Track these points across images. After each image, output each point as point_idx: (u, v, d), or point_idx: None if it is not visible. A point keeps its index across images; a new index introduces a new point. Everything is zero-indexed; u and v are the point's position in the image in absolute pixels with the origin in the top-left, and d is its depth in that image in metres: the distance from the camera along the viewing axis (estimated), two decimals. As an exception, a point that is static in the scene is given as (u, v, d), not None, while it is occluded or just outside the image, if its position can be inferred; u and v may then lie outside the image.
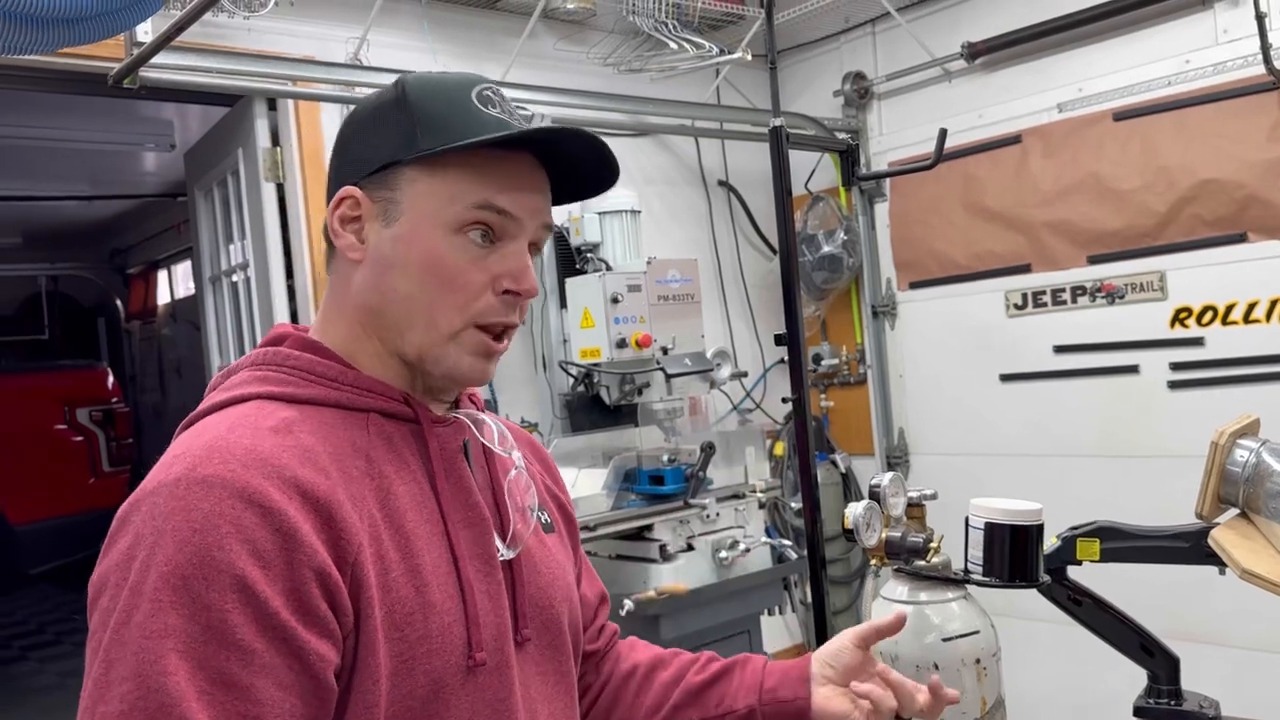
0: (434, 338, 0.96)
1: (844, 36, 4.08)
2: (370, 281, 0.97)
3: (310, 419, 0.92)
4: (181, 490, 0.81)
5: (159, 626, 0.77)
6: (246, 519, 0.81)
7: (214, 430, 0.88)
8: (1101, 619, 1.68)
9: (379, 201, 0.97)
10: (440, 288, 0.95)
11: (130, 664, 0.77)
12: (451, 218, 0.95)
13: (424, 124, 0.95)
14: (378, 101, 1.00)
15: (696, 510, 2.86)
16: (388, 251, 0.96)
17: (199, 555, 0.79)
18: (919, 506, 1.61)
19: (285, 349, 0.98)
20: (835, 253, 3.97)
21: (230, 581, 0.79)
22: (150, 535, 0.80)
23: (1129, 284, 3.36)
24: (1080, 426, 3.50)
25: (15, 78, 2.64)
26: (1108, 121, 3.36)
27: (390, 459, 0.95)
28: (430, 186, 0.95)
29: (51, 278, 8.90)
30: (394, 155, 0.96)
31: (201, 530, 0.80)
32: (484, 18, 3.46)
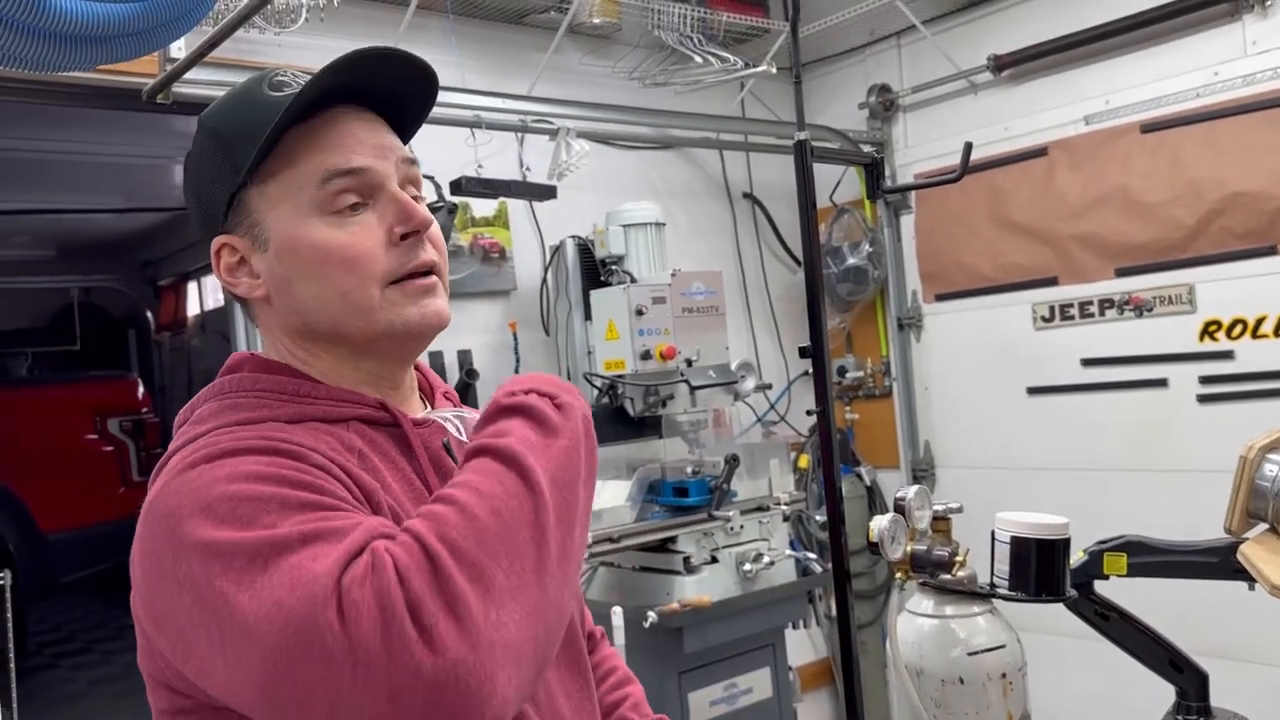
0: (365, 316, 0.95)
1: (869, 49, 4.09)
2: (284, 305, 0.97)
3: (296, 430, 0.91)
4: (203, 465, 0.82)
5: (234, 526, 0.78)
6: (277, 460, 0.83)
7: (197, 444, 0.87)
8: (1129, 634, 1.67)
9: (245, 234, 0.97)
10: (340, 271, 0.94)
11: (243, 574, 0.75)
12: (310, 205, 0.94)
13: (234, 143, 0.94)
14: (196, 149, 1.00)
15: (720, 522, 2.86)
16: (280, 270, 0.95)
17: (243, 476, 0.80)
18: (944, 520, 1.61)
19: (247, 374, 0.97)
20: (860, 265, 3.96)
21: (286, 479, 0.81)
22: (184, 507, 0.80)
23: (1157, 297, 3.33)
24: (1108, 440, 3.47)
25: (51, 93, 2.69)
26: (1135, 134, 3.34)
27: (380, 461, 0.95)
28: (276, 191, 0.94)
29: (83, 289, 9.00)
30: (230, 188, 0.95)
31: (237, 470, 0.81)
32: (511, 33, 3.49)
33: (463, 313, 3.20)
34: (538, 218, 3.46)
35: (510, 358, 3.31)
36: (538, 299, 3.42)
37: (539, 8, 3.36)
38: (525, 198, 3.29)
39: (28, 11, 1.17)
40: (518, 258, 3.41)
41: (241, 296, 0.99)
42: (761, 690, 2.93)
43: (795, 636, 3.38)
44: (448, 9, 3.26)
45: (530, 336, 3.39)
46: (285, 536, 0.76)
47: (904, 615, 1.59)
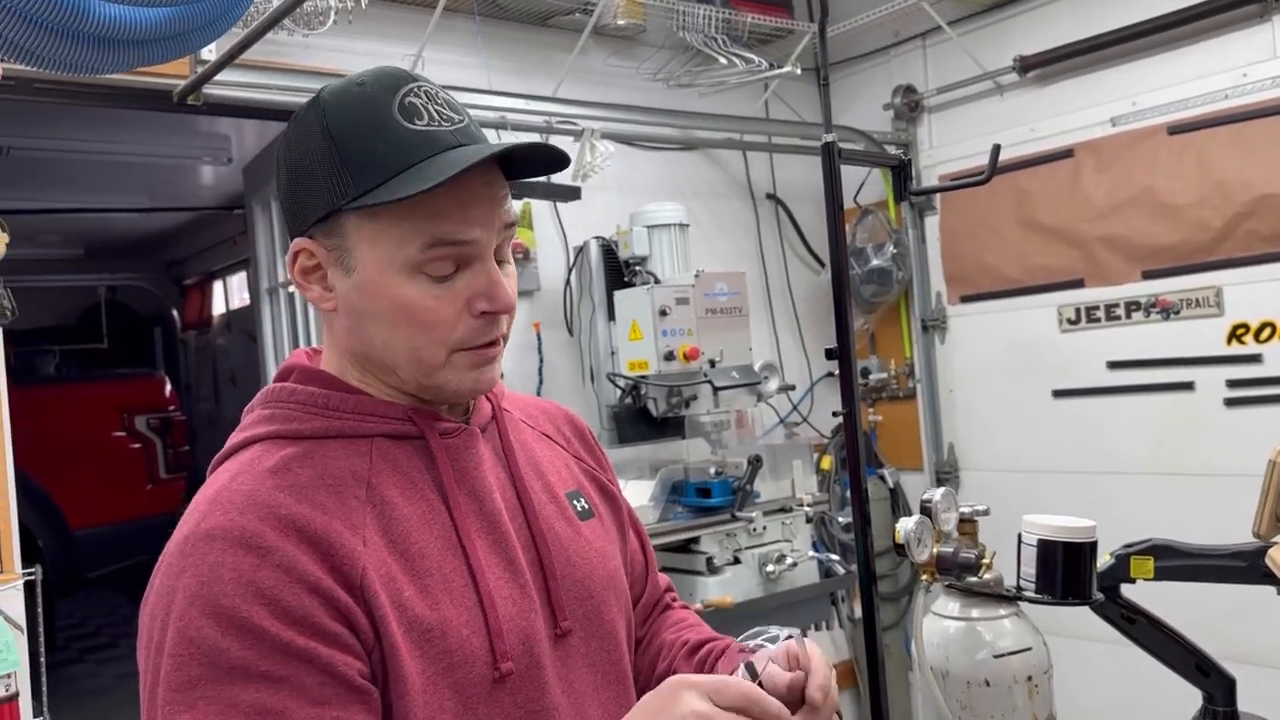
0: (426, 372, 0.96)
1: (894, 50, 4.07)
2: (349, 328, 0.98)
3: (311, 453, 0.94)
4: (189, 547, 0.86)
5: (183, 679, 0.81)
6: (246, 564, 0.84)
7: (221, 480, 0.92)
8: (1156, 638, 1.66)
9: (332, 250, 0.95)
10: (416, 329, 0.94)
11: (152, 711, 0.83)
12: (406, 261, 0.92)
13: (353, 165, 0.91)
14: (302, 131, 0.95)
15: (743, 523, 2.86)
16: (355, 301, 0.95)
17: (208, 607, 0.83)
18: (971, 522, 1.61)
19: (291, 384, 1.00)
20: (884, 266, 3.95)
21: (240, 624, 0.82)
22: (166, 593, 0.85)
23: (1184, 299, 3.31)
24: (1134, 444, 3.45)
25: (83, 94, 2.72)
26: (1162, 135, 3.32)
27: (395, 482, 0.95)
28: (376, 232, 0.92)
29: (110, 288, 9.10)
30: (332, 204, 0.92)
31: (208, 582, 0.84)
32: (536, 34, 3.50)
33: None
34: (562, 219, 3.47)
35: (534, 358, 3.33)
36: (561, 299, 3.43)
37: (564, 9, 3.38)
38: (549, 199, 3.31)
39: (69, 16, 1.19)
40: (541, 258, 3.42)
41: (312, 301, 1.00)
42: (783, 691, 2.93)
43: (818, 638, 3.38)
44: (474, 11, 3.28)
45: (554, 337, 3.40)
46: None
47: (930, 617, 1.59)
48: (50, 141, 5.09)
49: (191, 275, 9.07)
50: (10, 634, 2.33)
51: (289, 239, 0.99)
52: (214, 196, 7.01)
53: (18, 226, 2.43)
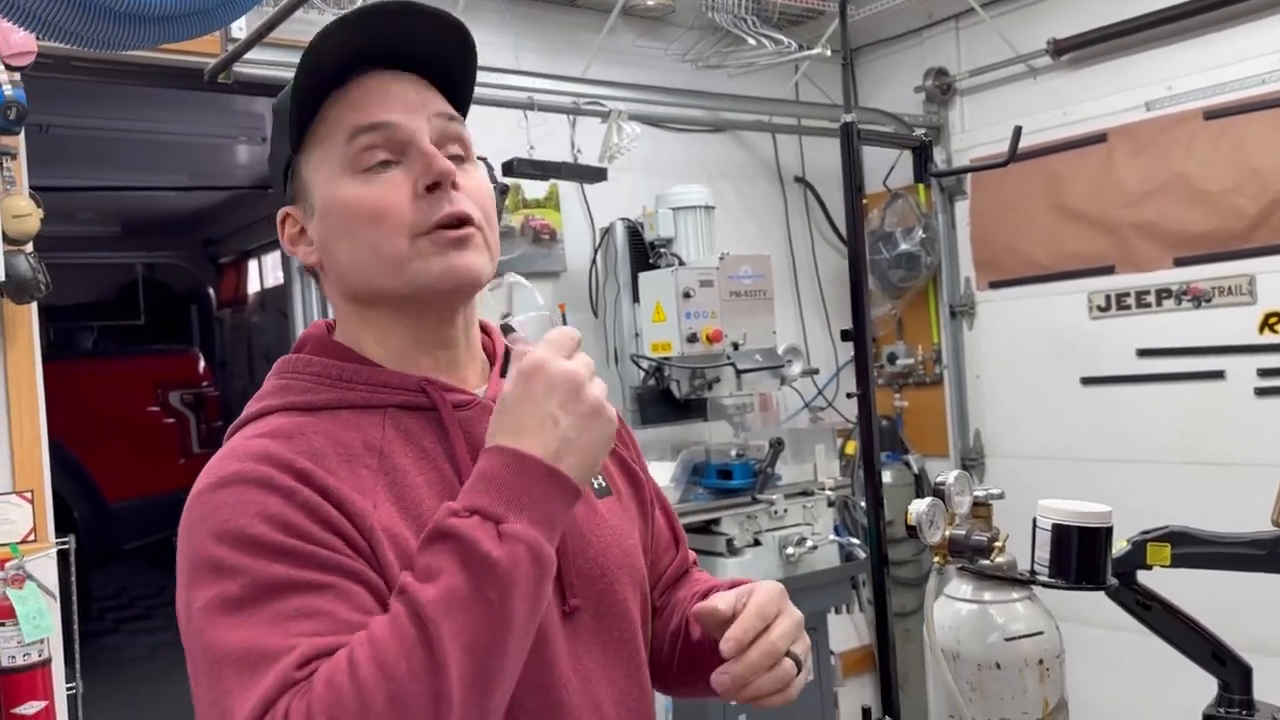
0: (396, 270, 0.95)
1: (926, 32, 4.03)
2: (331, 269, 1.00)
3: (325, 423, 0.94)
4: (206, 495, 0.88)
5: (225, 603, 0.82)
6: (271, 501, 0.85)
7: (235, 441, 0.94)
8: (1171, 625, 1.66)
9: (300, 203, 1.01)
10: (368, 225, 0.95)
11: (209, 657, 0.82)
12: (341, 164, 0.96)
13: (286, 115, 0.98)
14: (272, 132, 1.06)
15: (764, 506, 2.87)
16: (322, 234, 0.99)
17: (238, 537, 0.84)
18: (985, 506, 1.61)
19: (306, 354, 1.01)
20: (913, 250, 3.93)
21: (274, 546, 0.83)
22: (188, 542, 0.87)
23: (1216, 287, 3.26)
24: (1163, 432, 3.41)
25: (117, 72, 2.77)
26: (1198, 120, 3.27)
27: (407, 451, 0.95)
28: (318, 155, 0.98)
29: (148, 265, 9.22)
30: (285, 158, 1.01)
31: (234, 517, 0.85)
32: (565, 14, 3.50)
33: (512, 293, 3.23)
34: (588, 200, 3.48)
35: (559, 338, 3.34)
36: (587, 281, 3.44)
37: (593, -11, 3.38)
38: (576, 180, 3.31)
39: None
40: (568, 239, 3.44)
41: (306, 265, 1.03)
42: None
43: (838, 621, 3.39)
44: (503, -9, 3.29)
45: (579, 318, 3.41)
46: (230, 649, 0.81)
47: (942, 600, 1.60)
48: (88, 120, 5.16)
49: (227, 254, 9.17)
50: (44, 601, 2.39)
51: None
52: (250, 176, 7.08)
53: (57, 204, 2.48)
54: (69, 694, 2.51)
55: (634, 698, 1.02)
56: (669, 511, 1.23)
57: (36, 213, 2.43)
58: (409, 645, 0.78)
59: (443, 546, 0.82)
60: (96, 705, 2.67)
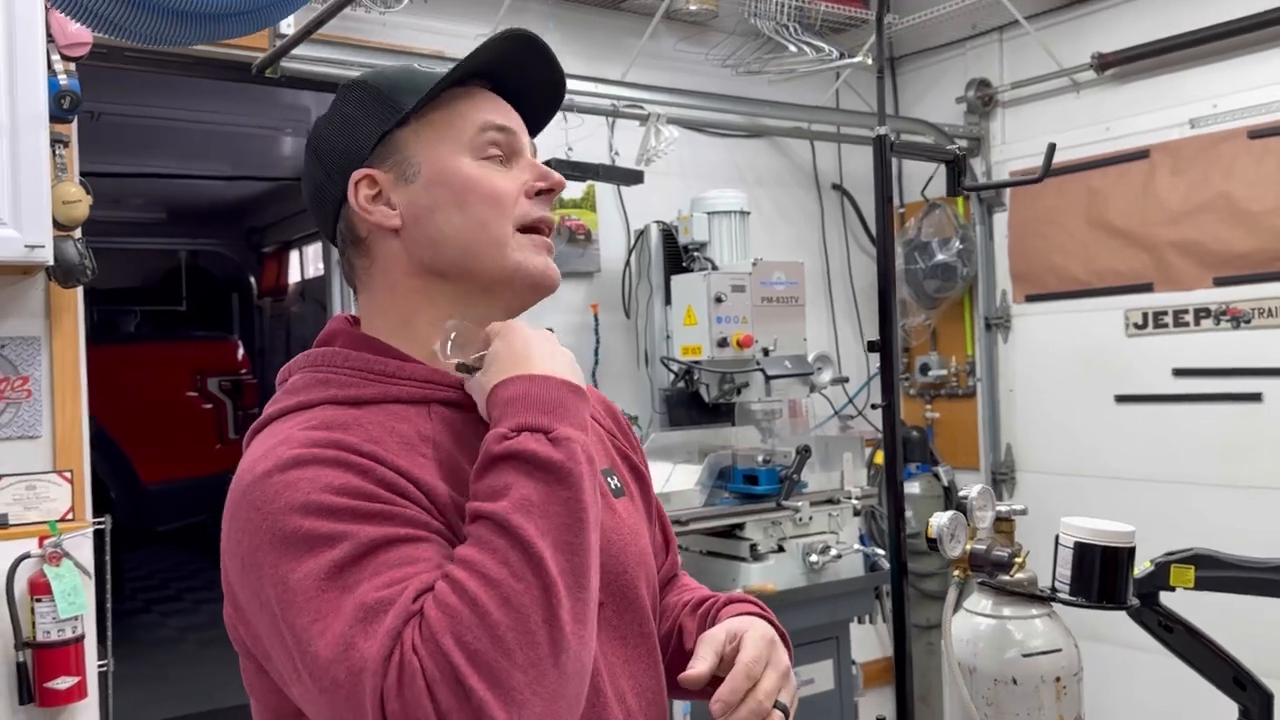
0: (498, 251, 1.02)
1: (970, 43, 4.02)
2: (419, 235, 1.02)
3: (375, 415, 0.95)
4: (277, 475, 0.87)
5: (328, 568, 0.82)
6: (348, 477, 0.87)
7: (286, 430, 0.93)
8: (1193, 648, 1.65)
9: (390, 169, 1.03)
10: (484, 204, 1.02)
11: (314, 613, 0.82)
12: (467, 144, 1.03)
13: (394, 91, 1.03)
14: (338, 107, 1.08)
15: (789, 512, 2.87)
16: (424, 200, 1.02)
17: (322, 510, 0.84)
18: (1008, 521, 1.61)
19: (340, 349, 1.02)
20: (949, 261, 3.91)
21: (363, 510, 0.85)
22: (265, 520, 0.86)
23: (1256, 309, 3.22)
24: (1198, 454, 3.38)
25: (168, 63, 2.82)
26: (1242, 139, 3.24)
27: (455, 444, 0.97)
28: (433, 132, 1.03)
29: (191, 253, 9.36)
30: (384, 126, 1.03)
31: (313, 493, 0.85)
32: (608, 18, 3.53)
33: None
34: (624, 202, 3.50)
35: (591, 339, 3.37)
36: (620, 282, 3.47)
37: (637, -7, 3.39)
38: (613, 182, 3.34)
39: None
40: (603, 240, 3.46)
41: (375, 225, 1.03)
42: (824, 682, 2.94)
43: (861, 632, 3.38)
44: (547, -7, 3.32)
45: (611, 319, 3.44)
46: (347, 609, 0.81)
47: (961, 613, 1.60)
48: (139, 108, 5.26)
49: (270, 244, 9.29)
50: (79, 579, 2.44)
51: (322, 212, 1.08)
52: (294, 168, 7.17)
53: (105, 189, 2.53)
54: (100, 671, 2.56)
55: (654, 690, 1.06)
56: (663, 515, 1.27)
57: (86, 199, 2.49)
58: (503, 553, 0.82)
59: (504, 466, 0.87)
60: (126, 683, 2.73)
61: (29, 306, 2.50)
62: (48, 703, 2.36)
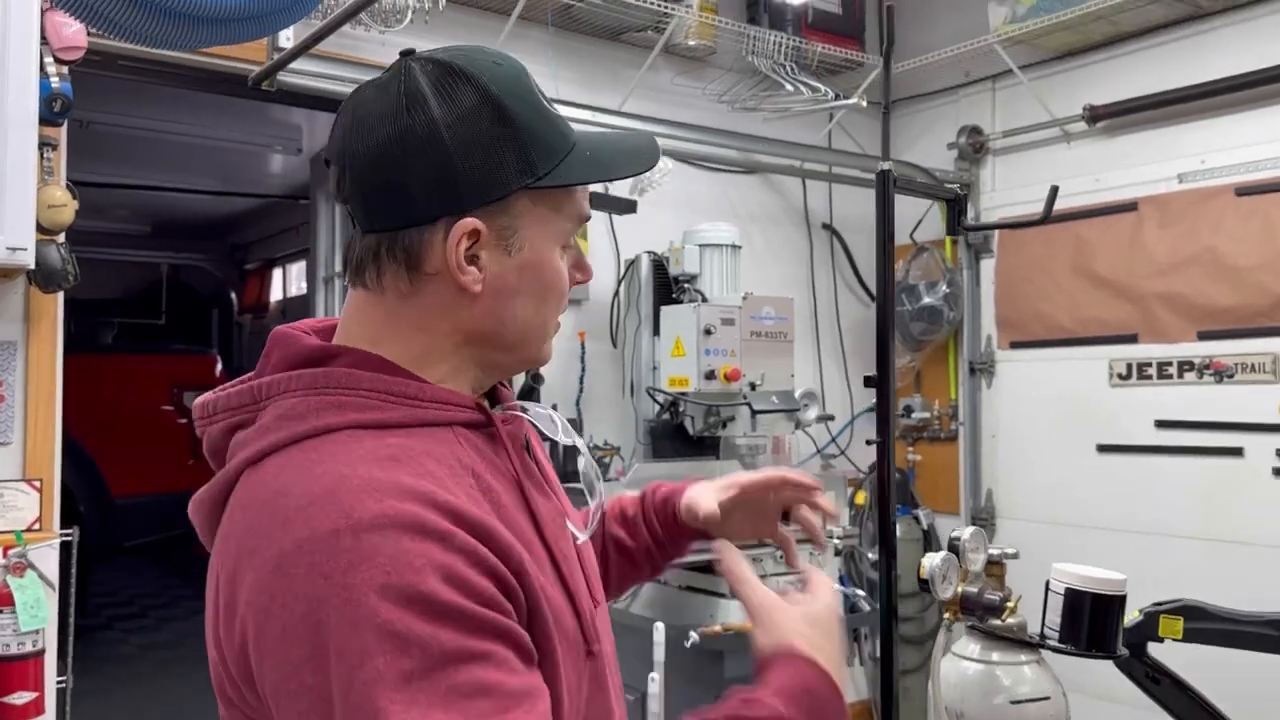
0: (544, 341, 0.99)
1: (963, 90, 4.06)
2: (489, 310, 0.93)
3: (413, 442, 0.87)
4: (350, 540, 0.77)
5: (397, 676, 0.75)
6: (431, 549, 0.78)
7: (328, 468, 0.83)
8: (1180, 701, 1.63)
9: (496, 230, 0.91)
10: (557, 300, 0.98)
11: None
12: (562, 236, 0.97)
13: (535, 146, 0.92)
14: (459, 106, 0.90)
15: (770, 549, 2.84)
16: (513, 281, 0.93)
17: (404, 595, 0.76)
18: (999, 564, 1.59)
19: (349, 370, 0.90)
20: (936, 305, 3.92)
21: (443, 608, 0.77)
22: (337, 593, 0.76)
23: (1239, 364, 3.24)
24: (1178, 506, 3.38)
25: (162, 73, 2.80)
26: (1229, 196, 3.27)
27: (487, 469, 0.92)
28: (546, 211, 0.94)
29: (173, 266, 9.30)
30: (514, 182, 0.91)
31: (396, 571, 0.76)
32: (607, 48, 3.54)
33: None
34: (615, 230, 3.49)
35: (577, 367, 3.35)
36: (608, 311, 3.45)
37: (636, 26, 3.41)
38: (606, 210, 3.33)
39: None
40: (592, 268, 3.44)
41: (461, 284, 0.91)
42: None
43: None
44: (548, 21, 3.33)
45: (597, 347, 3.42)
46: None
47: (949, 657, 1.57)
48: (129, 119, 5.24)
49: (253, 260, 9.25)
50: (43, 591, 2.38)
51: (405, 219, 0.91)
52: (281, 185, 7.16)
53: (89, 199, 2.50)
54: (59, 687, 2.49)
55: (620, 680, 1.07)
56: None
57: (72, 204, 2.46)
58: None
59: None
60: (84, 700, 2.66)
61: (7, 310, 2.46)
62: (4, 718, 2.29)
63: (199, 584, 0.88)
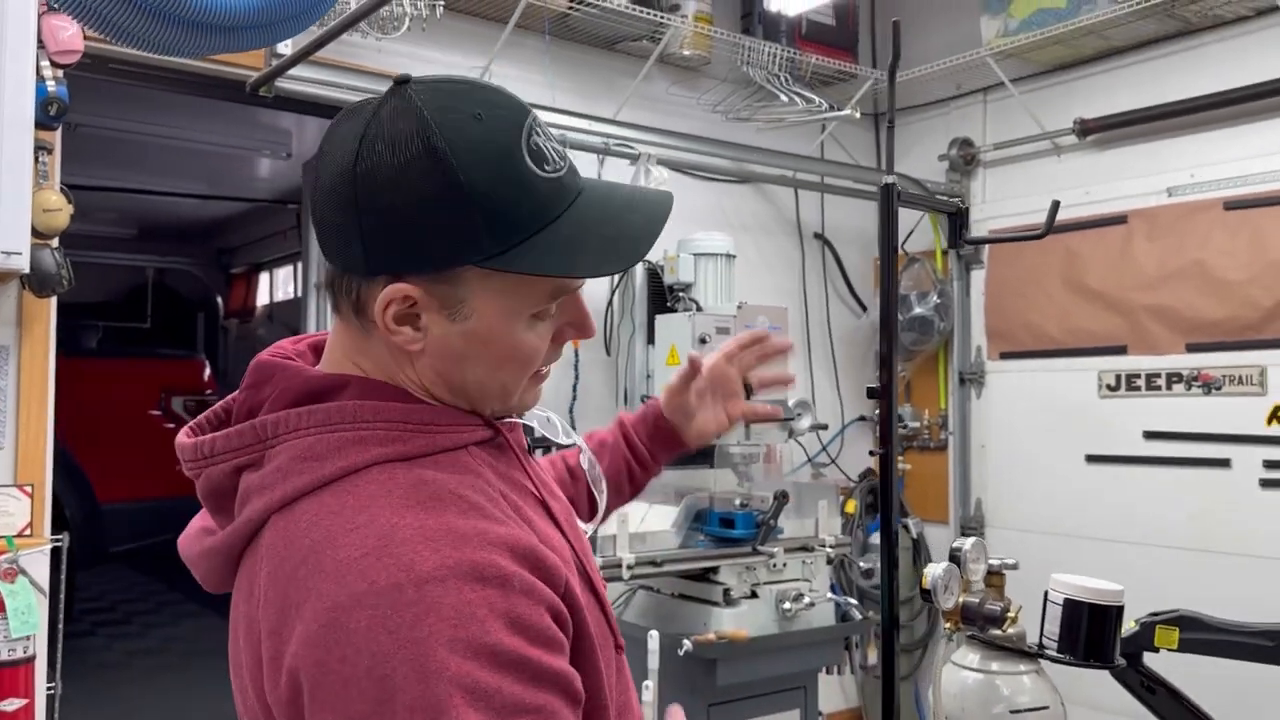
0: (506, 401, 0.95)
1: (954, 103, 4.09)
2: (436, 368, 0.90)
3: (444, 472, 0.86)
4: (412, 594, 0.77)
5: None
6: (495, 596, 0.78)
7: (373, 516, 0.81)
8: (1175, 710, 1.65)
9: (438, 296, 0.86)
10: (516, 367, 0.92)
11: None
12: (527, 309, 0.89)
13: (490, 220, 0.83)
14: (417, 169, 0.83)
15: (764, 558, 2.84)
16: (458, 346, 0.88)
17: (472, 648, 0.76)
18: (999, 575, 1.60)
19: (360, 402, 0.87)
20: (927, 315, 3.95)
21: (510, 659, 0.77)
22: (404, 648, 0.75)
23: (1227, 376, 3.28)
24: (1166, 516, 3.41)
25: (158, 78, 2.79)
26: (1218, 210, 3.31)
27: (506, 485, 0.91)
28: (504, 286, 0.86)
29: (159, 270, 9.25)
30: (459, 258, 0.84)
31: (463, 623, 0.76)
32: (603, 58, 3.55)
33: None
34: (610, 239, 3.50)
35: (570, 374, 3.35)
36: (602, 319, 3.46)
37: (632, 35, 3.42)
38: (601, 219, 3.33)
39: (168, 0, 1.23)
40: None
41: (399, 346, 0.89)
42: (790, 732, 2.90)
43: (827, 682, 3.35)
44: (545, 30, 3.34)
45: (591, 356, 3.42)
46: None
47: (949, 667, 1.58)
48: (117, 121, 5.21)
49: (239, 265, 9.21)
50: (34, 597, 2.37)
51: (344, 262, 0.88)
52: (269, 189, 7.13)
53: (76, 201, 2.49)
54: (49, 694, 2.48)
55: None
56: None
57: (67, 208, 2.45)
58: None
59: None
60: (71, 707, 2.64)
61: (1, 314, 2.45)
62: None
63: (183, 590, 0.90)
